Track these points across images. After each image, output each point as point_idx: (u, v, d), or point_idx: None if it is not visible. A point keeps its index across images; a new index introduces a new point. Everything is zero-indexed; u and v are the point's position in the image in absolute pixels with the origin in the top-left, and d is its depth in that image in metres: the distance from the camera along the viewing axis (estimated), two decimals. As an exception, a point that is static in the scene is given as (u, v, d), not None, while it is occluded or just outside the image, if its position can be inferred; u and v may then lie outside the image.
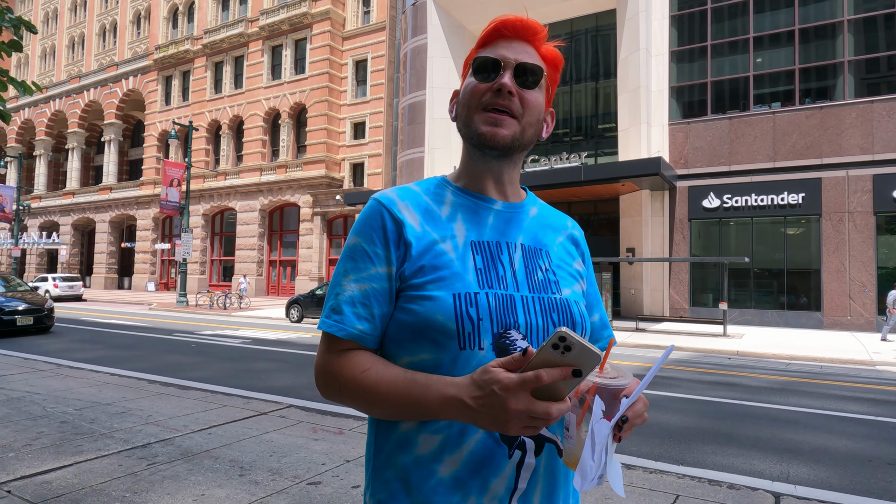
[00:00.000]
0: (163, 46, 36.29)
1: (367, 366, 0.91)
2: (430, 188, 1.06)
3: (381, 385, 0.88)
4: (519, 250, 1.01)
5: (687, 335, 14.76)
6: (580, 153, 21.25)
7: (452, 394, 0.80)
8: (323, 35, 30.16)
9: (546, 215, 1.13)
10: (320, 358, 0.97)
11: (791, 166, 17.41)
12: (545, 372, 0.71)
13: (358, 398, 0.91)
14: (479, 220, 1.02)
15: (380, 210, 0.98)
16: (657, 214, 19.24)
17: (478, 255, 0.97)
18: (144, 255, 36.79)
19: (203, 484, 3.77)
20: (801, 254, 17.50)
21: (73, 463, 4.12)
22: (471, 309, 0.90)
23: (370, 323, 0.94)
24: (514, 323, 0.92)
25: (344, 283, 0.96)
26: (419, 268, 0.93)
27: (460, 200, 1.03)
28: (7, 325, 12.15)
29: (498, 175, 1.05)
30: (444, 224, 0.99)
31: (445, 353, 0.89)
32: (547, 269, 1.02)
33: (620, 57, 19.97)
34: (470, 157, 1.06)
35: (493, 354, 0.90)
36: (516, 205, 1.07)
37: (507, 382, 0.73)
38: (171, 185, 24.56)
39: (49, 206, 42.21)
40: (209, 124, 34.36)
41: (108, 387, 6.79)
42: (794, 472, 4.41)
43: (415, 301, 0.92)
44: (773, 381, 8.78)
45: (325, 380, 0.95)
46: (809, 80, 17.70)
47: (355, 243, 0.98)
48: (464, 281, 0.92)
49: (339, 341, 0.94)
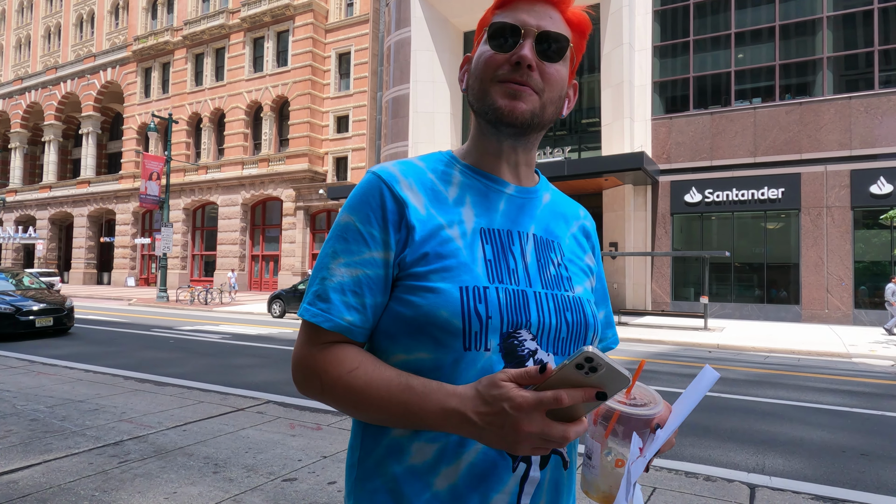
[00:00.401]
0: (142, 37, 35.67)
1: (354, 364, 0.81)
2: (436, 165, 0.94)
3: (371, 389, 0.78)
4: (531, 241, 0.92)
5: (668, 329, 14.89)
6: (564, 148, 21.29)
7: (454, 406, 0.72)
8: (305, 27, 29.85)
9: (559, 203, 1.03)
10: (300, 350, 0.86)
11: (771, 161, 17.61)
12: (566, 394, 0.63)
13: (342, 401, 0.81)
14: (490, 204, 0.91)
15: (379, 186, 0.86)
16: (640, 209, 19.36)
17: (487, 245, 0.87)
18: (124, 250, 36.25)
19: (175, 482, 3.70)
20: (781, 248, 17.73)
21: (42, 462, 4.02)
22: (479, 305, 0.80)
23: (361, 314, 0.83)
24: (525, 322, 0.83)
25: (332, 267, 0.84)
26: (422, 255, 0.83)
27: (470, 181, 0.92)
28: (25, 326, 11.03)
29: (512, 156, 0.94)
30: (451, 207, 0.88)
31: (447, 354, 0.80)
32: (559, 264, 0.93)
33: (604, 52, 20.01)
34: (482, 134, 0.94)
35: (500, 356, 0.81)
36: (530, 190, 0.97)
37: (521, 402, 0.65)
38: (150, 179, 24.19)
39: (25, 199, 41.39)
40: (190, 117, 33.88)
41: (81, 383, 6.66)
42: (770, 464, 4.45)
43: (416, 292, 0.82)
44: (752, 373, 8.88)
45: (305, 376, 0.84)
46: (789, 76, 17.89)
47: (348, 222, 0.86)
48: (472, 273, 0.82)
49: (323, 333, 0.83)
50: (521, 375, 0.67)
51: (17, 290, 12.30)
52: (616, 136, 19.20)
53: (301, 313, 0.85)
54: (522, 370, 0.67)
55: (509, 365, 0.81)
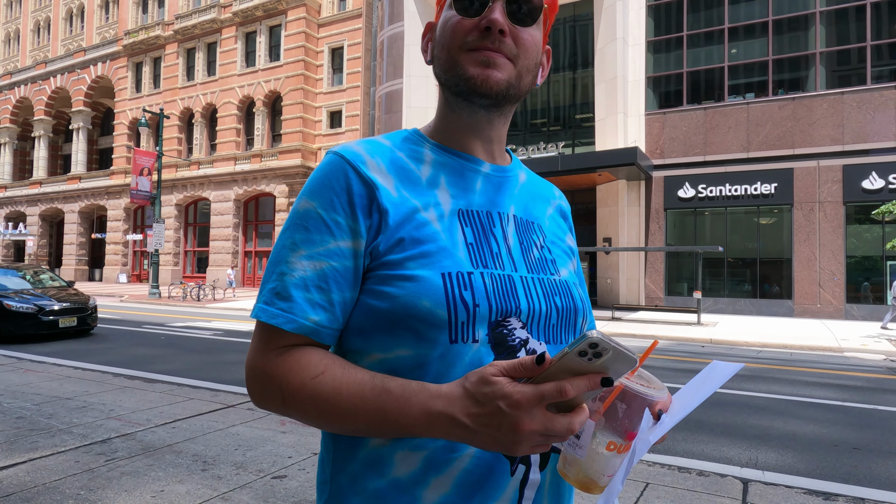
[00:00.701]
0: (132, 32, 35.33)
1: (320, 368, 0.71)
2: (404, 143, 0.86)
3: (341, 395, 0.68)
4: (512, 222, 0.85)
5: (662, 324, 14.91)
6: (557, 143, 21.25)
7: (440, 409, 0.64)
8: (298, 21, 29.65)
9: (534, 183, 0.97)
10: (255, 357, 0.75)
11: (764, 156, 17.64)
12: (570, 384, 0.57)
13: (308, 412, 0.71)
14: (467, 184, 0.84)
15: (343, 167, 0.78)
16: (633, 204, 19.36)
17: (467, 227, 0.80)
18: (116, 247, 35.99)
19: (163, 479, 3.65)
20: (774, 243, 17.78)
21: (27, 460, 3.95)
22: (465, 292, 0.73)
23: (329, 313, 0.74)
24: (514, 309, 0.76)
25: (292, 260, 0.74)
26: (397, 241, 0.75)
27: (442, 159, 0.85)
28: (48, 327, 10.30)
29: (486, 131, 0.86)
30: (425, 189, 0.81)
31: (431, 348, 0.72)
32: (542, 246, 0.88)
33: (598, 46, 19.98)
34: (451, 109, 0.86)
35: (489, 348, 0.74)
36: (505, 168, 0.90)
37: (520, 398, 0.58)
38: (141, 175, 24.00)
39: (15, 195, 41.01)
40: (181, 112, 33.62)
41: (69, 381, 6.58)
42: (763, 458, 4.44)
43: (391, 282, 0.73)
44: (746, 368, 8.89)
45: (263, 386, 0.74)
46: (782, 71, 17.91)
47: (308, 208, 0.76)
48: (454, 258, 0.75)
49: (283, 336, 0.74)
50: (514, 368, 0.60)
51: (35, 288, 11.49)
52: (610, 131, 19.18)
53: (256, 314, 0.75)
54: (516, 362, 0.60)
55: (500, 357, 0.75)
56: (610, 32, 19.30)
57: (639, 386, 0.69)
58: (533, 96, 22.24)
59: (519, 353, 0.75)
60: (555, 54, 22.13)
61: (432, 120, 0.90)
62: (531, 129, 22.41)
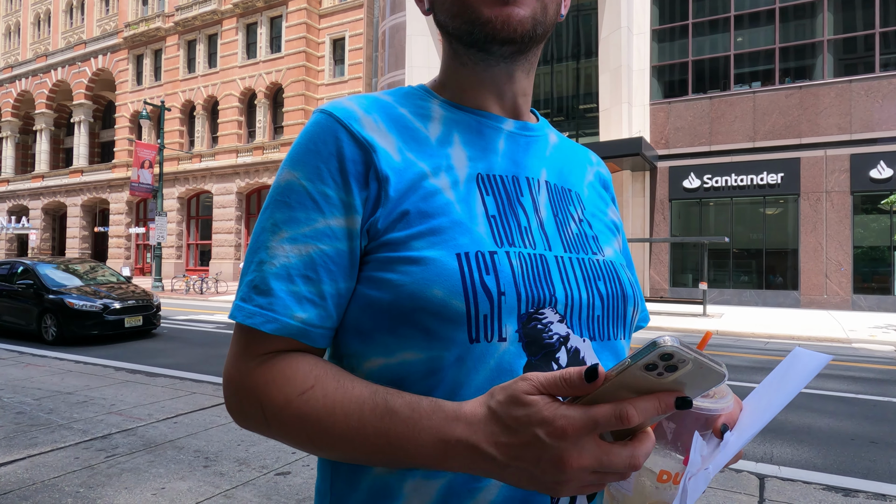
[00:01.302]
0: (133, 24, 35.11)
1: (309, 382, 0.57)
2: (408, 99, 0.71)
3: (335, 417, 0.55)
4: (544, 189, 0.70)
5: (667, 315, 14.80)
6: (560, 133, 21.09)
7: (459, 436, 0.50)
8: (299, 12, 29.40)
9: (568, 145, 0.81)
10: (232, 366, 0.62)
11: (770, 146, 17.44)
12: (634, 407, 0.43)
13: (296, 435, 0.58)
14: (487, 144, 0.69)
15: (332, 127, 0.63)
16: (638, 195, 19.20)
17: (489, 196, 0.65)
18: (118, 240, 35.96)
19: (164, 476, 3.56)
20: (780, 234, 17.62)
21: (26, 457, 3.87)
22: (487, 277, 0.58)
23: (318, 308, 0.60)
24: (549, 298, 0.61)
25: (273, 245, 0.61)
26: (401, 214, 0.60)
27: (455, 115, 0.70)
28: (113, 326, 9.40)
29: (507, 84, 0.71)
30: (436, 149, 0.66)
31: (446, 350, 0.58)
32: (581, 220, 0.72)
33: (602, 36, 19.75)
34: (461, 64, 0.70)
35: (520, 348, 0.59)
36: (532, 126, 0.75)
37: (565, 425, 0.44)
38: (143, 167, 23.89)
39: (17, 189, 40.96)
40: (183, 105, 33.46)
41: (71, 375, 6.51)
42: (778, 453, 4.34)
43: (395, 267, 0.59)
44: (753, 359, 8.79)
45: (241, 402, 0.61)
46: (789, 59, 17.68)
47: (291, 180, 0.62)
48: (471, 234, 0.60)
49: (265, 339, 0.60)
50: (554, 383, 0.46)
51: (92, 284, 10.43)
52: (614, 121, 18.99)
53: (232, 314, 0.61)
54: (557, 375, 0.46)
55: (535, 359, 0.60)
56: (614, 21, 19.06)
57: (697, 400, 0.53)
58: (536, 86, 22.01)
59: (558, 353, 0.61)
60: (558, 44, 21.92)
61: (439, 75, 0.74)
62: (534, 120, 22.18)
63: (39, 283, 9.67)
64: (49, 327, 9.23)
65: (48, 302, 9.29)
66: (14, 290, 9.86)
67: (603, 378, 0.44)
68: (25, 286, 9.72)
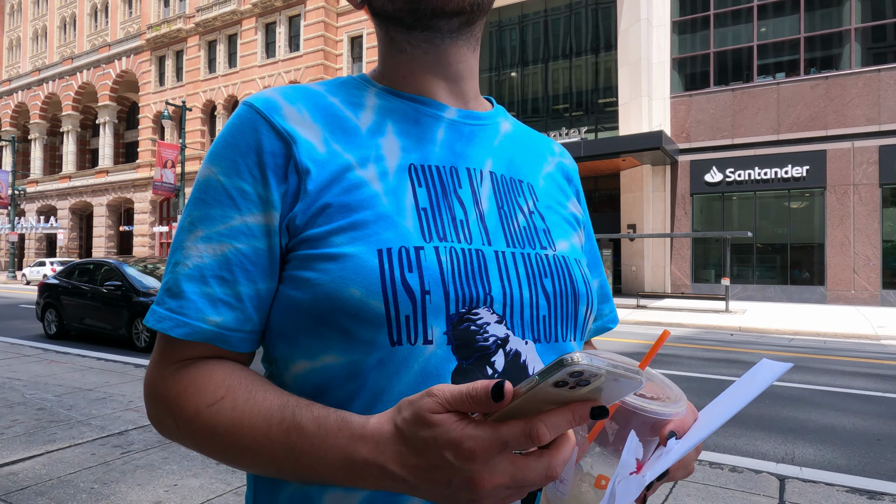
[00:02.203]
0: (155, 26, 35.64)
1: (219, 392, 0.54)
2: (340, 88, 0.66)
3: (243, 430, 0.52)
4: (488, 181, 0.65)
5: (689, 311, 14.57)
6: (580, 128, 20.86)
7: (365, 457, 0.47)
8: (317, 11, 29.55)
9: (524, 134, 0.76)
10: (149, 373, 0.59)
11: (795, 138, 17.05)
12: (544, 424, 0.41)
13: (206, 447, 0.55)
14: (423, 133, 0.64)
15: (252, 119, 0.59)
16: (658, 190, 18.93)
17: (421, 188, 0.60)
18: (143, 238, 36.61)
19: (177, 473, 3.59)
20: (805, 228, 17.23)
21: (45, 452, 3.93)
22: (409, 274, 0.54)
23: (235, 311, 0.56)
24: (483, 296, 0.57)
25: (188, 245, 0.58)
26: (321, 208, 0.57)
27: (391, 104, 0.65)
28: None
29: (454, 65, 0.66)
30: (366, 139, 0.62)
31: (367, 353, 0.54)
32: (531, 212, 0.67)
33: (621, 28, 19.49)
34: (399, 51, 0.66)
35: (449, 351, 0.55)
36: (481, 115, 0.70)
37: (473, 447, 0.42)
38: (165, 167, 24.27)
39: (46, 190, 41.93)
40: (204, 104, 33.90)
41: (92, 371, 6.62)
42: (800, 453, 4.22)
43: (313, 265, 0.55)
44: (777, 356, 8.59)
45: (157, 411, 0.58)
46: (814, 49, 17.24)
47: (208, 176, 0.59)
48: (397, 228, 0.57)
49: (179, 345, 0.57)
50: (461, 400, 0.42)
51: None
52: (634, 115, 18.75)
53: (146, 318, 0.58)
54: (463, 391, 0.42)
55: (466, 362, 0.56)
56: (633, 14, 18.80)
57: (638, 400, 0.49)
58: (555, 81, 21.83)
59: (494, 356, 0.57)
60: (577, 38, 21.67)
61: (377, 65, 0.70)
62: (553, 115, 22.02)
63: (128, 284, 8.99)
64: (141, 332, 8.66)
65: (139, 305, 8.67)
66: (100, 291, 9.24)
67: (510, 396, 0.40)
68: (113, 288, 9.07)
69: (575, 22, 21.71)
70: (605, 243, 16.95)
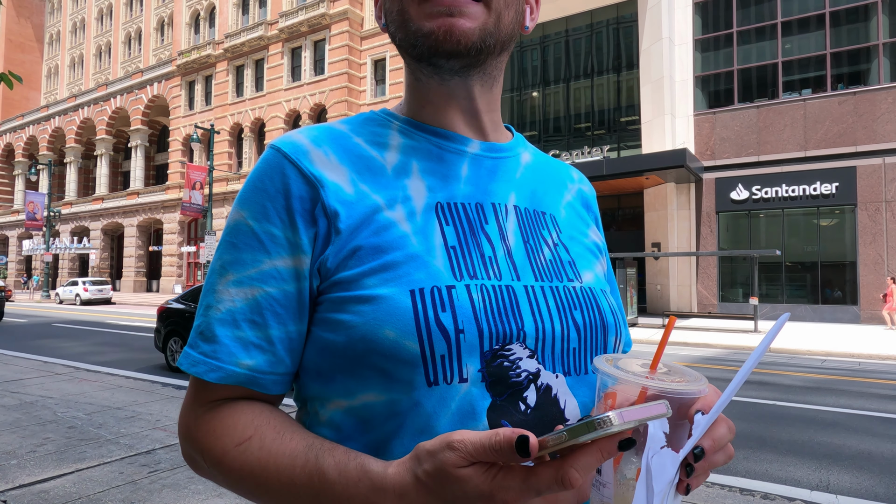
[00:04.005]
0: (185, 52, 36.76)
1: (248, 432, 0.55)
2: (365, 126, 0.68)
3: (268, 472, 0.53)
4: (512, 215, 0.66)
5: (716, 331, 14.28)
6: (602, 147, 20.81)
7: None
8: (341, 35, 30.19)
9: (544, 164, 0.77)
10: (182, 413, 0.61)
11: (823, 155, 16.75)
12: (575, 469, 0.41)
13: (237, 486, 0.56)
14: (447, 170, 0.65)
15: (279, 164, 0.60)
16: (683, 208, 18.72)
17: (448, 227, 0.61)
18: (171, 258, 37.35)
19: (202, 493, 3.62)
20: (836, 245, 16.83)
21: (75, 471, 4.01)
22: (443, 314, 0.55)
23: (267, 353, 0.58)
24: (517, 332, 0.57)
25: (219, 289, 0.59)
26: (352, 251, 0.57)
27: (414, 142, 0.66)
28: None
29: (467, 100, 0.67)
30: (392, 180, 0.62)
31: (405, 393, 0.55)
32: (556, 244, 0.68)
33: (643, 47, 19.50)
34: (416, 79, 0.68)
35: (484, 388, 0.55)
36: (502, 147, 0.70)
37: (505, 499, 0.42)
38: (193, 188, 24.83)
39: (80, 211, 43.16)
40: (231, 127, 34.70)
41: (121, 390, 6.74)
42: (835, 481, 4.08)
43: (346, 307, 0.56)
44: (809, 378, 8.36)
45: (189, 449, 0.60)
46: (841, 64, 17.00)
47: (238, 220, 0.60)
48: (428, 268, 0.57)
49: (211, 387, 0.58)
50: (484, 452, 0.42)
51: None
52: (657, 133, 18.65)
53: (179, 361, 0.60)
54: (486, 443, 0.42)
55: (500, 399, 0.56)
56: (655, 32, 18.80)
57: (662, 384, 0.49)
58: (576, 100, 21.88)
59: (526, 391, 0.57)
60: (598, 57, 21.72)
61: (404, 94, 0.72)
62: (574, 134, 22.02)
63: None
64: None
65: None
66: None
67: (535, 452, 0.41)
68: None
69: (596, 41, 21.80)
70: (630, 262, 16.76)
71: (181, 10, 38.69)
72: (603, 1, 21.34)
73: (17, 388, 6.75)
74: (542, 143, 22.08)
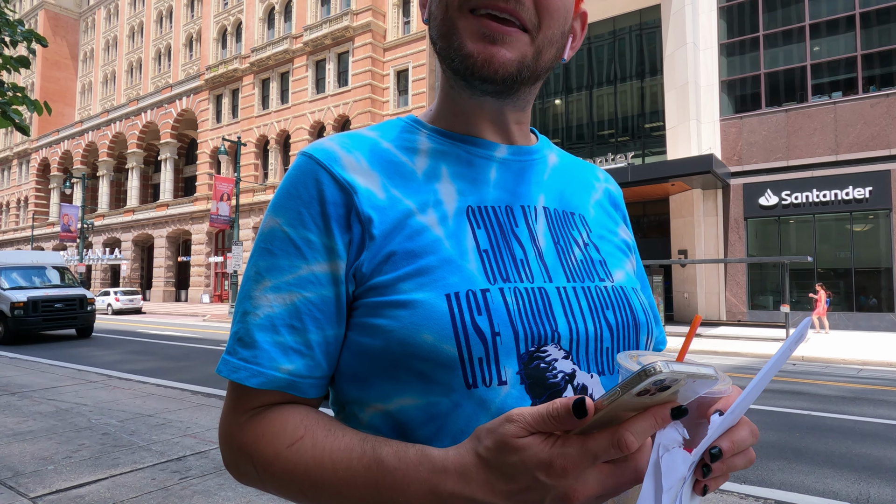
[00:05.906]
0: (213, 66, 37.60)
1: (298, 433, 0.56)
2: (393, 132, 0.69)
3: (324, 467, 0.53)
4: (542, 217, 0.67)
5: (746, 340, 13.99)
6: (626, 153, 20.64)
7: (452, 490, 0.48)
8: (364, 47, 30.56)
9: (571, 165, 0.78)
10: (224, 422, 0.61)
11: (855, 159, 16.35)
12: (630, 432, 0.42)
13: (287, 488, 0.56)
14: (476, 174, 0.66)
15: (313, 170, 0.61)
16: (710, 214, 18.43)
17: (480, 230, 0.62)
18: (199, 269, 38.03)
19: (232, 500, 3.66)
20: (870, 251, 16.37)
21: (108, 476, 4.09)
22: (479, 317, 0.55)
23: (306, 358, 0.58)
24: (551, 333, 0.58)
25: (256, 295, 0.60)
26: (387, 256, 0.58)
27: (444, 147, 0.67)
28: None
29: (497, 114, 0.68)
30: (422, 184, 0.63)
31: (444, 395, 0.55)
32: (586, 244, 0.68)
33: (667, 53, 19.33)
34: (451, 89, 0.68)
35: (523, 390, 0.56)
36: (529, 149, 0.71)
37: (565, 465, 0.43)
38: (221, 200, 25.28)
39: (111, 223, 44.28)
40: (257, 140, 35.32)
41: (152, 398, 6.87)
42: (876, 494, 3.95)
43: (382, 312, 0.57)
44: (845, 388, 8.12)
45: (235, 458, 0.60)
46: (873, 66, 16.62)
47: (273, 227, 0.61)
48: (462, 272, 0.58)
49: (253, 394, 0.59)
50: (542, 420, 0.44)
51: None
52: (682, 138, 18.43)
53: (218, 368, 0.60)
54: (543, 411, 0.44)
55: (539, 401, 0.57)
56: (679, 37, 18.64)
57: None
58: (600, 107, 21.77)
59: (564, 392, 0.58)
60: (621, 63, 21.60)
61: (435, 101, 0.72)
62: (598, 141, 21.89)
63: None
64: None
65: None
66: None
67: (593, 411, 0.42)
68: None
69: (619, 48, 21.69)
70: (656, 269, 16.56)
71: (209, 26, 39.61)
72: (626, 7, 21.25)
73: (53, 396, 6.93)
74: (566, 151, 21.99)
